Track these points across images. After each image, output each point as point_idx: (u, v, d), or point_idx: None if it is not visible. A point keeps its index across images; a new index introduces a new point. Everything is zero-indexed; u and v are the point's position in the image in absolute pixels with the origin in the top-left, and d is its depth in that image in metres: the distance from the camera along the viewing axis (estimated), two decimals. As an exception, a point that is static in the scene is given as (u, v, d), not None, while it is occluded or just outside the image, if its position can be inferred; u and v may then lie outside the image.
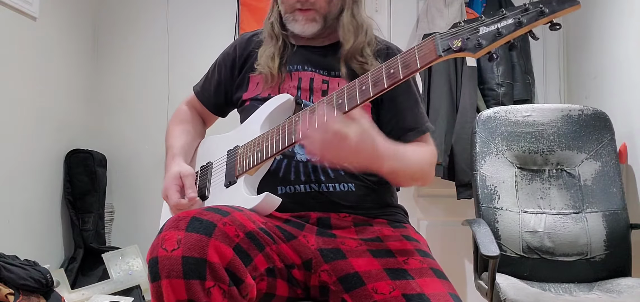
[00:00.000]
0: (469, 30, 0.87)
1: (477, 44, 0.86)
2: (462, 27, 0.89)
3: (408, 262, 1.02)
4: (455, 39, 0.88)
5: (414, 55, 0.92)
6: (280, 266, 1.02)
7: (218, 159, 1.23)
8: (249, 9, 2.84)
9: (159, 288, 0.87)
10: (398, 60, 0.94)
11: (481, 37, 0.86)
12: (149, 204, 2.84)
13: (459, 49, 0.87)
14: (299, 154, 1.15)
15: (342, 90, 1.01)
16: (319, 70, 1.24)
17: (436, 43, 0.90)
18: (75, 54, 2.77)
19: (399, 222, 1.19)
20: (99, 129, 2.90)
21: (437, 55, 0.89)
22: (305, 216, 1.12)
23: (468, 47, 0.86)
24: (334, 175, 1.14)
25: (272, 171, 1.15)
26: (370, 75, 0.98)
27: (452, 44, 0.88)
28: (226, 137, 1.26)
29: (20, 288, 1.87)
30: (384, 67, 0.96)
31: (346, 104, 0.99)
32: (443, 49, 0.89)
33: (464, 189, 2.47)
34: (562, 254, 1.87)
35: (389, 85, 0.94)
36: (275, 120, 1.15)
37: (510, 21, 0.84)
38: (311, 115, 1.02)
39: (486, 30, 0.86)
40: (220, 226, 0.91)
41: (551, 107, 2.05)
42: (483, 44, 0.85)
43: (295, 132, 1.05)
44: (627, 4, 2.13)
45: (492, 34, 0.85)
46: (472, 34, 0.87)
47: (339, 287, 1.00)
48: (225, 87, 1.36)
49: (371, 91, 0.96)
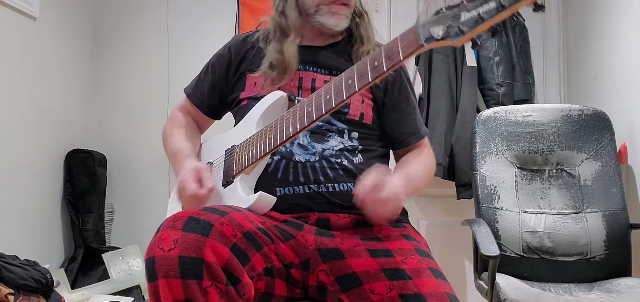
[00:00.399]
0: (450, 17, 0.82)
1: (458, 31, 0.81)
2: (443, 14, 0.84)
3: (406, 261, 1.02)
4: (436, 27, 0.84)
5: (396, 46, 0.89)
6: (279, 266, 1.02)
7: (217, 159, 1.23)
8: (249, 9, 2.84)
9: (156, 288, 0.87)
10: (382, 52, 0.92)
11: (462, 24, 0.80)
12: (149, 204, 2.85)
13: (441, 37, 0.83)
14: (298, 154, 1.15)
15: (329, 86, 1.00)
16: (321, 70, 1.24)
17: (418, 32, 0.86)
18: (75, 54, 2.77)
19: (399, 222, 1.19)
20: (99, 129, 2.90)
21: (419, 44, 0.86)
22: (304, 217, 1.12)
23: (449, 34, 0.82)
24: (333, 175, 1.14)
25: (270, 171, 1.15)
26: (355, 69, 0.96)
27: (434, 32, 0.84)
28: (224, 137, 1.26)
29: (20, 288, 1.87)
30: (368, 60, 0.94)
31: (333, 100, 0.98)
32: (425, 38, 0.85)
33: (464, 189, 2.47)
34: (562, 254, 1.86)
35: (373, 78, 0.92)
36: (270, 118, 1.15)
37: (491, 5, 0.78)
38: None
39: (467, 16, 0.80)
40: (218, 225, 0.91)
41: (551, 107, 2.05)
42: (464, 31, 0.80)
43: (287, 128, 1.06)
44: (627, 4, 2.12)
45: (473, 19, 0.79)
46: (454, 21, 0.81)
47: (337, 288, 1.00)
48: (220, 88, 1.34)
49: (356, 85, 0.95)
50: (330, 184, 1.14)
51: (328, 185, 1.13)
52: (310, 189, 1.13)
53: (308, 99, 1.04)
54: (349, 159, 1.17)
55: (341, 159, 1.16)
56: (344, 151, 1.17)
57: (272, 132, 1.08)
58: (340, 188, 1.14)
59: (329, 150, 1.16)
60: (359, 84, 0.94)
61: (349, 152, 1.18)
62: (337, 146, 1.17)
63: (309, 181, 1.13)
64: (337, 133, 1.18)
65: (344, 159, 1.16)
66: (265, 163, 1.15)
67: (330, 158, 1.15)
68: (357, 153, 1.19)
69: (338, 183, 1.14)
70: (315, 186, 1.13)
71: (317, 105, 1.00)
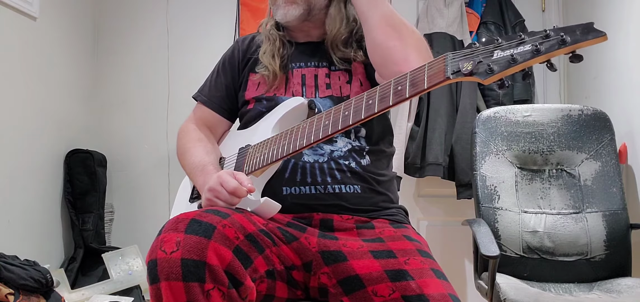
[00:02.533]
0: (483, 53, 0.81)
1: (488, 69, 0.79)
2: (476, 48, 0.82)
3: (409, 262, 1.02)
4: (466, 61, 0.82)
5: (423, 74, 0.88)
6: (280, 268, 1.02)
7: (230, 157, 1.24)
8: (249, 9, 2.84)
9: (158, 291, 0.87)
10: (407, 77, 0.91)
11: (494, 62, 0.79)
12: (149, 204, 2.85)
13: (469, 72, 0.81)
14: (307, 154, 1.16)
15: (350, 103, 1.00)
16: (321, 64, 1.26)
17: (446, 63, 0.85)
18: (75, 54, 2.76)
19: (400, 223, 1.20)
20: (99, 129, 2.90)
21: (445, 77, 0.84)
22: (308, 218, 1.13)
23: (479, 71, 0.80)
24: (340, 177, 1.15)
25: (278, 171, 1.16)
26: (378, 90, 0.96)
27: (462, 66, 0.82)
28: (240, 134, 1.28)
29: (20, 288, 1.87)
30: (392, 83, 0.93)
31: (351, 117, 0.98)
32: (452, 71, 0.83)
33: (464, 189, 2.47)
34: (562, 254, 1.87)
35: (394, 103, 0.91)
36: (288, 124, 1.15)
37: (527, 48, 0.77)
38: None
39: (500, 55, 0.79)
40: (220, 228, 0.91)
41: (551, 107, 2.05)
42: (495, 70, 0.79)
43: (301, 138, 1.04)
44: (627, 4, 2.12)
45: (505, 60, 0.78)
46: (485, 58, 0.80)
47: (339, 290, 1.00)
48: (234, 88, 1.36)
49: (376, 106, 0.94)
50: (338, 186, 1.14)
51: (335, 186, 1.14)
52: (317, 190, 1.14)
53: (327, 112, 1.04)
54: (357, 161, 1.18)
55: (349, 161, 1.17)
56: (352, 152, 1.18)
57: (286, 138, 1.08)
58: (347, 190, 1.15)
59: (337, 151, 1.17)
60: (379, 106, 0.93)
61: (356, 153, 1.19)
62: (345, 147, 1.18)
63: (316, 182, 1.14)
64: (344, 133, 1.19)
65: (352, 161, 1.17)
66: (276, 168, 1.15)
67: (338, 159, 1.16)
68: (365, 154, 1.20)
69: (345, 185, 1.15)
70: (322, 187, 1.14)
71: (334, 120, 1.00)
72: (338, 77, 1.24)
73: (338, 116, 1.00)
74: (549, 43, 0.75)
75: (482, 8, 2.67)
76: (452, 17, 2.59)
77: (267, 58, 1.25)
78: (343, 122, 0.99)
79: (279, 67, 1.24)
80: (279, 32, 1.30)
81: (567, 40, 0.75)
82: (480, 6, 2.67)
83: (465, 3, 2.67)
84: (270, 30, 1.30)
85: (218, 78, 1.38)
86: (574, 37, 0.74)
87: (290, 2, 1.23)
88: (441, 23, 2.59)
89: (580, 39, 0.74)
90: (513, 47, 0.78)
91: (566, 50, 0.75)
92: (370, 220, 1.16)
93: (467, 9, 2.66)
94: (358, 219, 1.15)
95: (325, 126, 1.01)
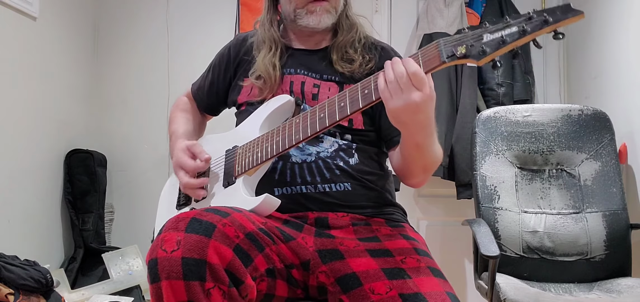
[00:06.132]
0: (473, 36, 0.87)
1: (481, 51, 0.85)
2: (466, 33, 0.88)
3: (406, 261, 1.02)
4: (459, 45, 0.87)
5: (417, 60, 0.91)
6: (280, 267, 1.02)
7: (216, 159, 1.23)
8: (249, 8, 2.84)
9: (159, 289, 0.87)
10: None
11: (485, 44, 0.85)
12: (149, 204, 2.83)
13: (463, 55, 0.87)
14: (294, 156, 1.15)
15: (344, 94, 1.01)
16: (312, 73, 1.25)
17: (440, 48, 0.89)
18: (75, 54, 2.77)
19: (397, 222, 1.20)
20: (99, 129, 2.90)
21: (441, 61, 0.89)
22: (303, 216, 1.13)
23: (472, 54, 0.86)
24: (329, 176, 1.15)
25: (268, 172, 1.16)
26: (372, 79, 0.97)
27: (456, 50, 0.87)
28: (224, 136, 1.26)
29: (20, 288, 1.87)
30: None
31: (348, 108, 0.98)
32: (447, 55, 0.88)
33: (464, 189, 2.47)
34: (562, 254, 1.87)
35: None
36: (275, 122, 1.15)
37: (514, 29, 0.84)
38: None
39: (490, 38, 0.85)
40: (220, 226, 0.91)
41: (551, 107, 2.05)
42: (487, 51, 0.85)
43: (297, 132, 1.05)
44: (627, 4, 2.12)
45: (496, 41, 0.85)
46: (476, 41, 0.86)
47: (337, 289, 1.00)
48: (218, 87, 1.38)
49: (373, 95, 0.96)
50: (327, 185, 1.14)
51: (325, 185, 1.14)
52: (307, 189, 1.14)
53: (320, 105, 1.04)
54: (345, 160, 1.17)
55: (337, 160, 1.16)
56: (340, 151, 1.18)
57: (279, 135, 1.08)
58: (337, 188, 1.15)
59: (324, 151, 1.16)
60: (376, 95, 0.95)
61: (344, 152, 1.18)
62: (332, 147, 1.17)
63: (305, 181, 1.14)
64: (330, 134, 1.18)
65: (339, 160, 1.16)
66: (268, 166, 1.15)
67: (326, 159, 1.16)
68: (353, 152, 1.19)
69: (335, 183, 1.15)
70: (312, 186, 1.14)
71: (330, 113, 1.01)
72: (328, 88, 1.22)
73: (334, 108, 1.01)
74: (533, 23, 0.83)
75: (482, 8, 2.67)
76: (452, 17, 2.59)
77: (265, 66, 1.23)
78: (340, 113, 0.99)
79: (277, 77, 1.23)
80: (282, 39, 1.29)
81: (549, 20, 0.82)
82: (480, 6, 2.67)
83: (465, 3, 2.67)
84: (273, 34, 1.28)
85: (207, 75, 1.42)
86: (555, 17, 0.82)
87: (326, 11, 1.23)
88: (441, 23, 2.59)
89: (560, 18, 0.82)
90: (501, 29, 0.85)
91: (549, 29, 0.83)
92: (366, 218, 1.16)
93: (467, 9, 2.66)
94: (353, 216, 1.14)
95: (321, 119, 1.02)
